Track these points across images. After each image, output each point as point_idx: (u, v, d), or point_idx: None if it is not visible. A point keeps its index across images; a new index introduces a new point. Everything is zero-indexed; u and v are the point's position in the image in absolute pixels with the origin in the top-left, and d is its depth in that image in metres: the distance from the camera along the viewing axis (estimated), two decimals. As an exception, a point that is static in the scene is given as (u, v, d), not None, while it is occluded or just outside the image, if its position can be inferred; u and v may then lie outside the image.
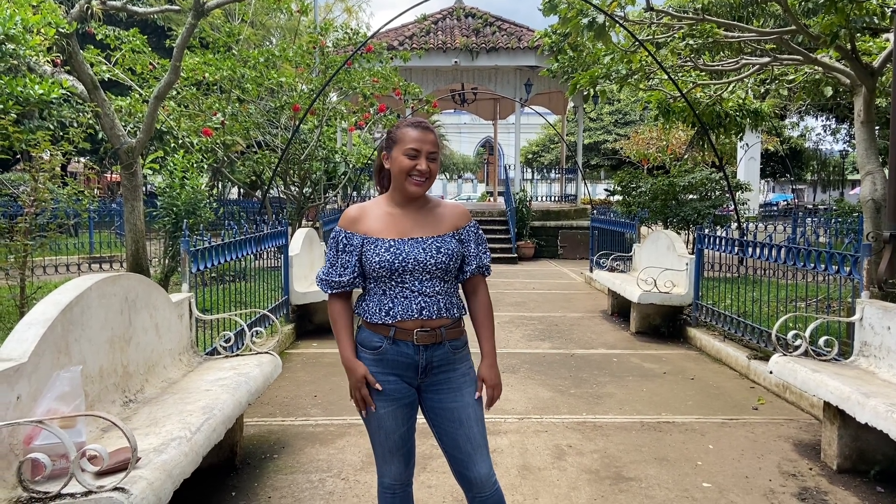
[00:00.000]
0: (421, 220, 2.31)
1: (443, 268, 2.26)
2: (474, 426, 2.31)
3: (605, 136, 34.01)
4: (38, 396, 2.43)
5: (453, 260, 2.28)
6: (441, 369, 2.31)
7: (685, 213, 10.51)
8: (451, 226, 2.32)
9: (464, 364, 2.36)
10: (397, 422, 2.31)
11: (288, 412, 4.64)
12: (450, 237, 2.30)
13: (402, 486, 2.40)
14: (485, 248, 2.40)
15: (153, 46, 9.38)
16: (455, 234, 2.32)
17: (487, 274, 2.40)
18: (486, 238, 2.43)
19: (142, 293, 3.45)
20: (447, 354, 2.31)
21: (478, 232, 2.39)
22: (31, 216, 5.56)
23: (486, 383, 2.35)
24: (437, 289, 2.27)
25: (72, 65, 6.51)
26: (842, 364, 4.14)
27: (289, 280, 6.87)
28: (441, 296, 2.28)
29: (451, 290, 2.33)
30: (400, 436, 2.33)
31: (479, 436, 2.32)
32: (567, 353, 6.40)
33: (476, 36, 17.78)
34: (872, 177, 5.79)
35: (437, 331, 2.27)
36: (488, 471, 2.31)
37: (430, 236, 2.27)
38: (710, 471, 3.72)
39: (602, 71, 7.55)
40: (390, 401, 2.29)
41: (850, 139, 31.10)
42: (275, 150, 10.88)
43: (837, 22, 5.29)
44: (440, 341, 2.28)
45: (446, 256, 2.26)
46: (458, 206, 2.43)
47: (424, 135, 2.23)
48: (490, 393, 2.36)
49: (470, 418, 2.31)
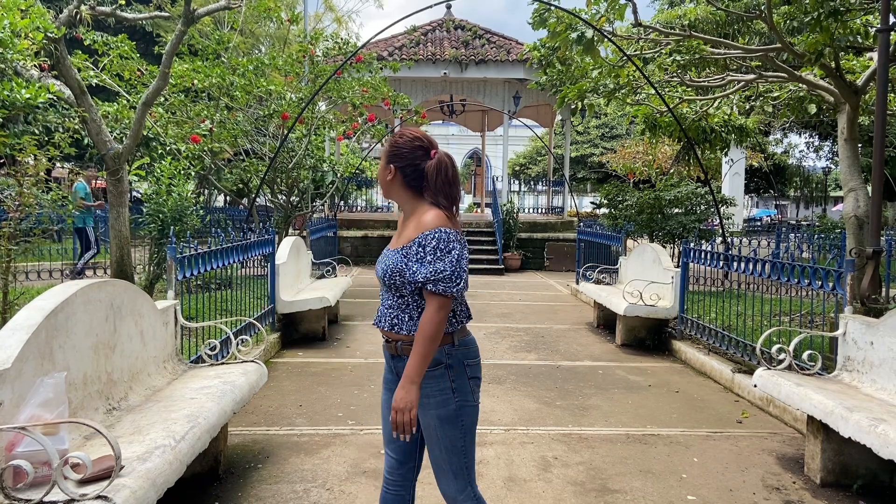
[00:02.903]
0: (402, 229, 2.34)
1: (384, 282, 2.29)
2: (435, 449, 2.30)
3: (591, 150, 34.23)
4: (20, 403, 2.40)
5: (389, 276, 2.24)
6: None
7: (671, 226, 10.58)
8: (406, 239, 2.25)
9: (429, 385, 2.22)
10: (387, 412, 2.41)
11: (273, 421, 4.61)
12: (397, 251, 2.25)
13: (396, 484, 2.43)
14: (428, 261, 2.15)
15: (142, 53, 9.34)
16: (404, 248, 2.23)
17: (432, 290, 2.14)
18: (446, 249, 2.16)
19: (127, 300, 3.42)
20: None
21: (423, 244, 2.17)
22: (16, 221, 5.50)
23: (392, 413, 2.16)
24: (389, 301, 2.31)
25: (59, 69, 6.46)
26: (825, 378, 4.18)
27: (275, 288, 6.84)
28: (392, 309, 2.28)
29: (404, 305, 2.25)
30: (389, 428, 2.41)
31: (440, 459, 2.30)
32: (553, 365, 6.41)
33: (465, 48, 17.86)
34: (855, 193, 5.86)
35: (395, 344, 2.30)
36: (453, 493, 2.31)
37: (392, 249, 2.30)
38: (695, 483, 3.73)
39: (590, 85, 7.60)
40: (386, 389, 2.43)
41: (833, 156, 31.48)
42: (262, 158, 10.85)
43: (822, 40, 5.37)
44: (399, 355, 2.30)
45: (381, 271, 2.29)
46: (423, 217, 2.23)
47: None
48: (396, 416, 2.14)
49: (431, 439, 2.30)
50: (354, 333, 7.67)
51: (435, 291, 2.14)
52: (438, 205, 2.23)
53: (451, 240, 2.17)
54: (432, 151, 2.27)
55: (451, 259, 2.15)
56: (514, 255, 15.70)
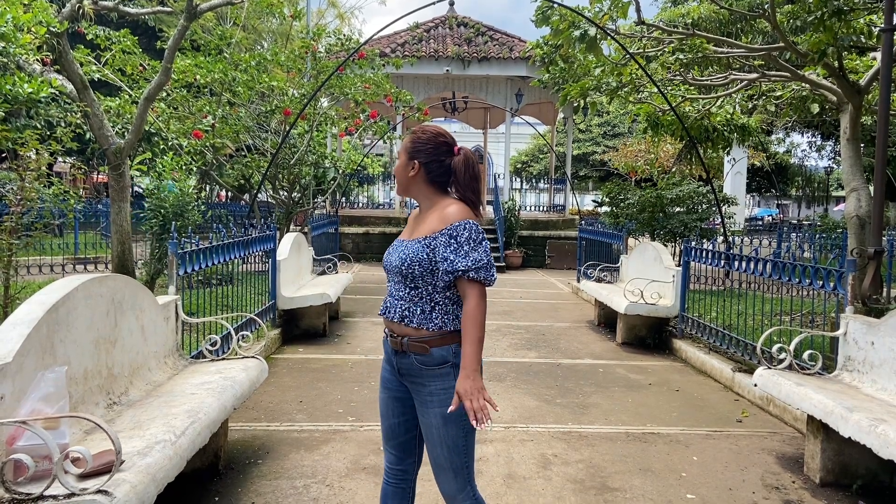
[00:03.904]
0: (417, 222, 2.35)
1: (400, 272, 2.25)
2: (437, 447, 2.27)
3: (593, 148, 34.19)
4: (21, 397, 2.40)
5: (408, 265, 2.22)
6: (411, 380, 2.29)
7: (672, 225, 10.57)
8: (428, 230, 2.24)
9: (434, 383, 2.23)
10: (388, 410, 2.39)
11: (273, 417, 4.61)
12: (418, 241, 2.24)
13: (396, 477, 2.43)
14: (465, 252, 2.16)
15: (144, 48, 9.33)
16: (426, 238, 2.23)
17: (475, 279, 2.15)
18: (478, 240, 2.19)
19: (128, 295, 3.43)
20: (413, 367, 2.26)
21: (455, 235, 2.17)
22: (17, 215, 5.51)
23: (460, 397, 2.13)
24: (400, 293, 2.28)
25: (61, 64, 6.46)
26: (825, 378, 4.18)
27: (276, 285, 6.84)
28: (402, 301, 2.26)
29: (417, 298, 2.24)
30: (390, 426, 2.39)
31: (441, 457, 2.27)
32: (553, 363, 6.41)
33: (468, 45, 17.83)
34: (857, 193, 5.85)
35: (400, 339, 2.26)
36: (452, 493, 2.29)
37: (409, 239, 2.29)
38: (694, 482, 3.74)
39: (592, 83, 7.59)
40: (384, 388, 2.42)
41: (835, 156, 31.47)
42: (264, 153, 10.85)
43: (825, 40, 5.35)
44: (403, 351, 2.26)
45: (398, 260, 2.26)
46: (446, 210, 2.24)
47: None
48: (467, 405, 2.11)
49: (432, 438, 2.28)
50: (355, 330, 7.68)
51: (477, 279, 2.17)
52: (466, 199, 2.28)
53: (480, 231, 2.23)
54: (455, 147, 2.32)
55: (484, 249, 2.20)
56: (516, 253, 15.70)
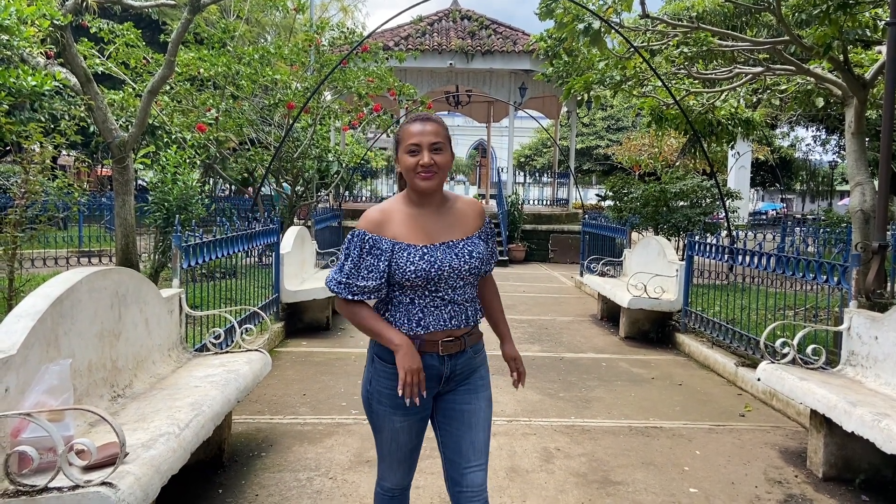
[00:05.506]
0: (444, 220, 2.20)
1: (476, 273, 2.18)
2: (481, 432, 2.24)
3: (597, 142, 34.08)
4: (26, 389, 2.41)
5: (485, 263, 2.22)
6: (461, 376, 2.26)
7: (676, 219, 10.55)
8: (476, 226, 2.24)
9: (482, 367, 2.32)
10: (411, 436, 2.25)
11: (276, 410, 4.63)
12: (477, 239, 2.22)
13: (402, 490, 2.37)
14: (495, 241, 2.39)
15: (147, 41, 9.32)
16: (480, 234, 2.24)
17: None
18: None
19: (132, 288, 3.43)
20: (469, 360, 2.26)
21: (492, 227, 2.34)
22: (22, 208, 5.52)
23: (517, 363, 2.44)
24: (467, 296, 2.19)
25: (65, 57, 6.46)
26: (829, 373, 4.18)
27: (280, 278, 6.85)
28: (469, 303, 2.21)
29: (476, 293, 2.27)
30: (411, 449, 2.28)
31: (482, 442, 2.24)
32: (556, 357, 6.41)
33: (472, 38, 17.78)
34: (862, 188, 5.83)
35: (461, 339, 2.20)
36: (482, 482, 2.22)
37: (459, 239, 2.18)
38: (697, 476, 3.74)
39: (596, 76, 7.56)
40: (409, 415, 2.20)
41: (839, 150, 31.33)
42: (268, 147, 10.85)
43: (831, 33, 5.33)
44: (464, 349, 2.22)
45: (478, 260, 2.18)
46: (473, 201, 2.32)
47: (423, 127, 2.12)
48: (521, 368, 2.45)
49: (479, 423, 2.25)
50: (358, 323, 7.67)
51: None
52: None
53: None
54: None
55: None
56: (519, 247, 15.70)
